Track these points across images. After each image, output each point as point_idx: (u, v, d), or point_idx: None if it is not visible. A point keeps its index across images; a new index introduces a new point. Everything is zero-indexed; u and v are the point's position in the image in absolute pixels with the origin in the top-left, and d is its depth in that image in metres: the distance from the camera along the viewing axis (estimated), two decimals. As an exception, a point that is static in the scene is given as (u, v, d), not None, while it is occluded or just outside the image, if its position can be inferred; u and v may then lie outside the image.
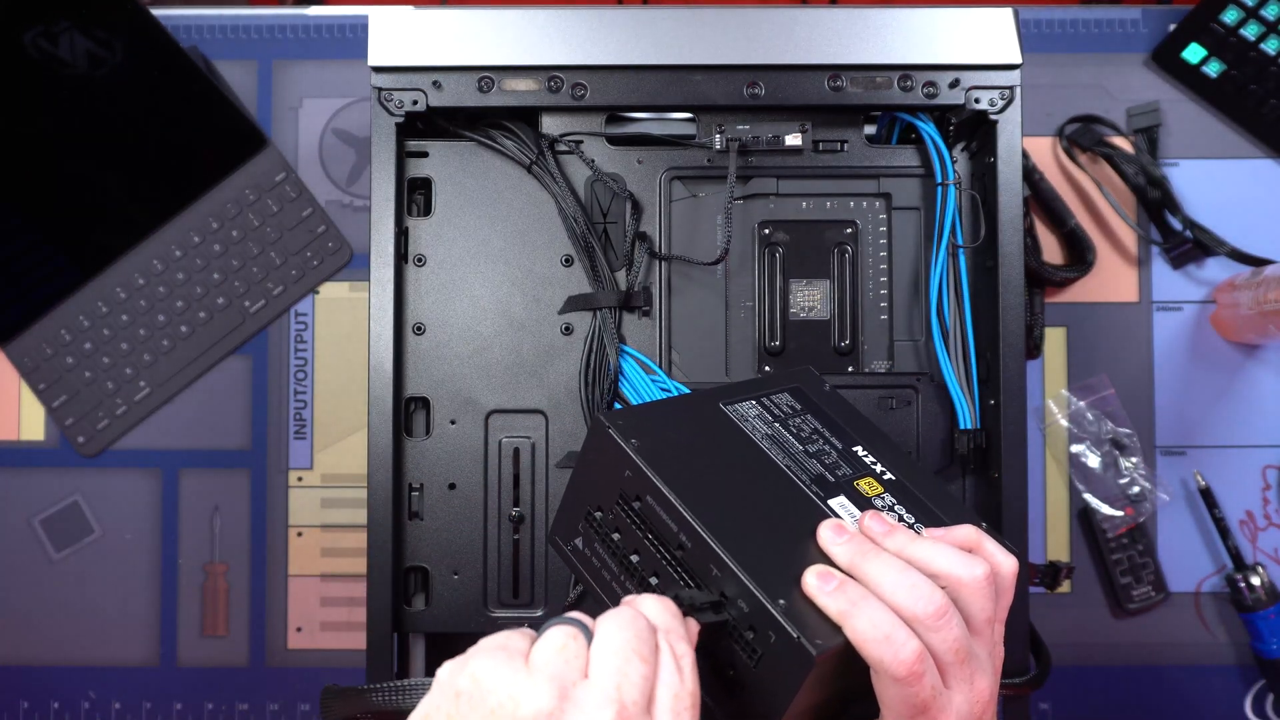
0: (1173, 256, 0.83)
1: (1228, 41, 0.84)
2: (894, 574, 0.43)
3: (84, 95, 0.81)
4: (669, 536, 0.45)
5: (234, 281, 0.84)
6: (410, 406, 0.65)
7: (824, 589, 0.42)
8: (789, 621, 0.41)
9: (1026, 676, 0.60)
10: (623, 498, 0.47)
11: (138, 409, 0.84)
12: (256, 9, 0.88)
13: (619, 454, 0.47)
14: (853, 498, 0.50)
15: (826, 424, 0.55)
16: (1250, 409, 0.83)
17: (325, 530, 0.83)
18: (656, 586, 0.46)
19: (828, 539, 0.46)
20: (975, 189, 0.65)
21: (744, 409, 0.54)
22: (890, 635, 0.41)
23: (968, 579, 0.44)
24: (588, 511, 0.49)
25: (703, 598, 0.43)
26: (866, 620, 0.41)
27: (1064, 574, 0.54)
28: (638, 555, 0.47)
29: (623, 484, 0.47)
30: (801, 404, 0.56)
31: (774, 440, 0.52)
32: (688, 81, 0.62)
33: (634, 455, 0.46)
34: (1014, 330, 0.61)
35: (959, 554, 0.45)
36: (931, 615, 0.42)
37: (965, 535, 0.47)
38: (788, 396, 0.57)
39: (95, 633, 0.83)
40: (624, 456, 0.46)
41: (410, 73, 0.62)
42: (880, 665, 0.41)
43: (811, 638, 0.40)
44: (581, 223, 0.64)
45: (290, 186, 0.85)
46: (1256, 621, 0.79)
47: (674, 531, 0.45)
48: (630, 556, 0.47)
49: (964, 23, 0.62)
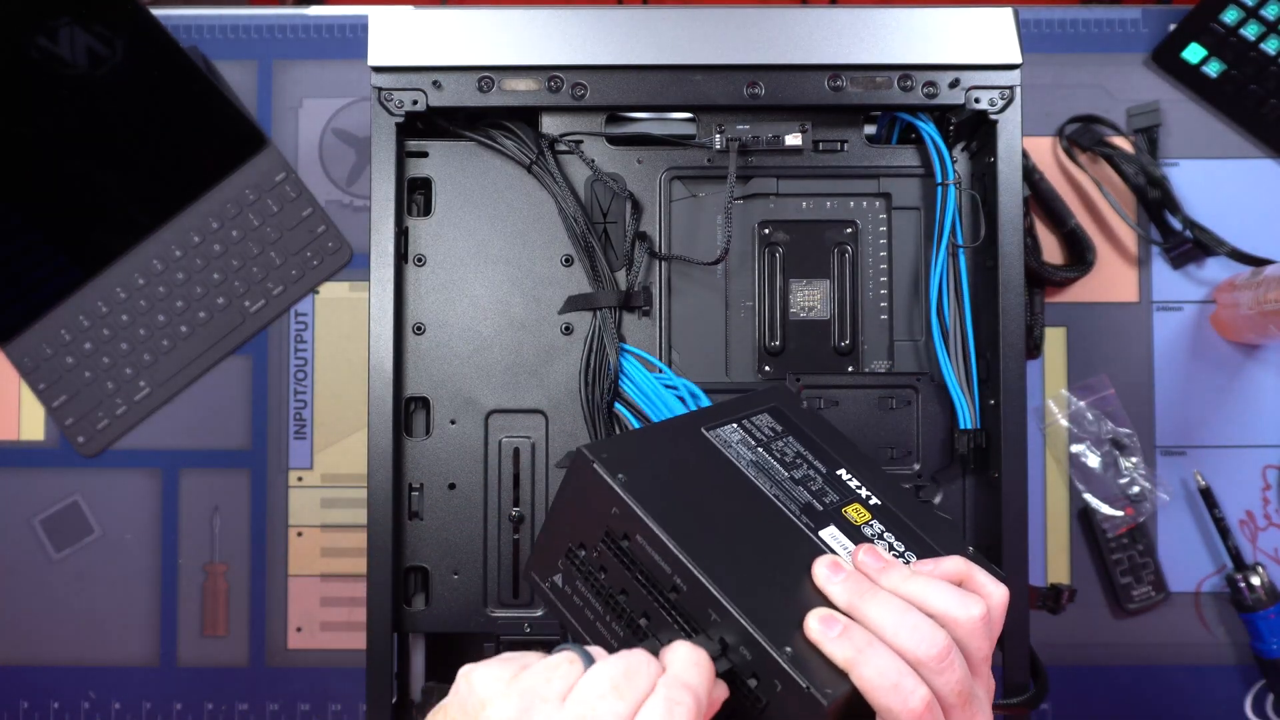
0: (1173, 256, 0.83)
1: (1228, 41, 0.84)
2: (896, 615, 0.42)
3: (84, 95, 0.81)
4: (661, 578, 0.43)
5: (234, 281, 0.84)
6: (410, 406, 0.65)
7: (829, 635, 0.41)
8: (797, 671, 0.40)
9: (1024, 696, 0.60)
10: (609, 535, 0.44)
11: (138, 409, 0.84)
12: (256, 9, 0.88)
13: (604, 490, 0.44)
14: (843, 528, 0.49)
15: (809, 446, 0.54)
16: (1250, 409, 0.83)
17: (325, 530, 0.83)
18: (647, 628, 0.44)
19: (823, 577, 0.45)
20: (975, 189, 0.65)
21: (726, 434, 0.52)
22: (898, 684, 0.40)
23: (964, 619, 0.43)
24: (569, 549, 0.46)
25: (705, 646, 0.41)
26: (874, 668, 0.40)
27: (1066, 597, 0.54)
28: (625, 595, 0.44)
29: (609, 521, 0.44)
30: (782, 425, 0.55)
31: (759, 468, 0.51)
32: (688, 81, 0.62)
33: (622, 492, 0.43)
34: (1014, 330, 0.61)
35: (955, 592, 0.44)
36: (935, 658, 0.41)
37: (955, 568, 0.46)
38: (768, 417, 0.55)
39: (95, 633, 0.83)
40: (610, 493, 0.44)
41: (410, 73, 0.62)
42: (889, 714, 0.40)
43: (821, 687, 0.39)
44: (581, 223, 0.64)
45: (290, 186, 0.85)
46: (1256, 621, 0.79)
47: (667, 574, 0.43)
48: (617, 596, 0.45)
49: (964, 23, 0.62)
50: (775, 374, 0.65)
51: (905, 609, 0.43)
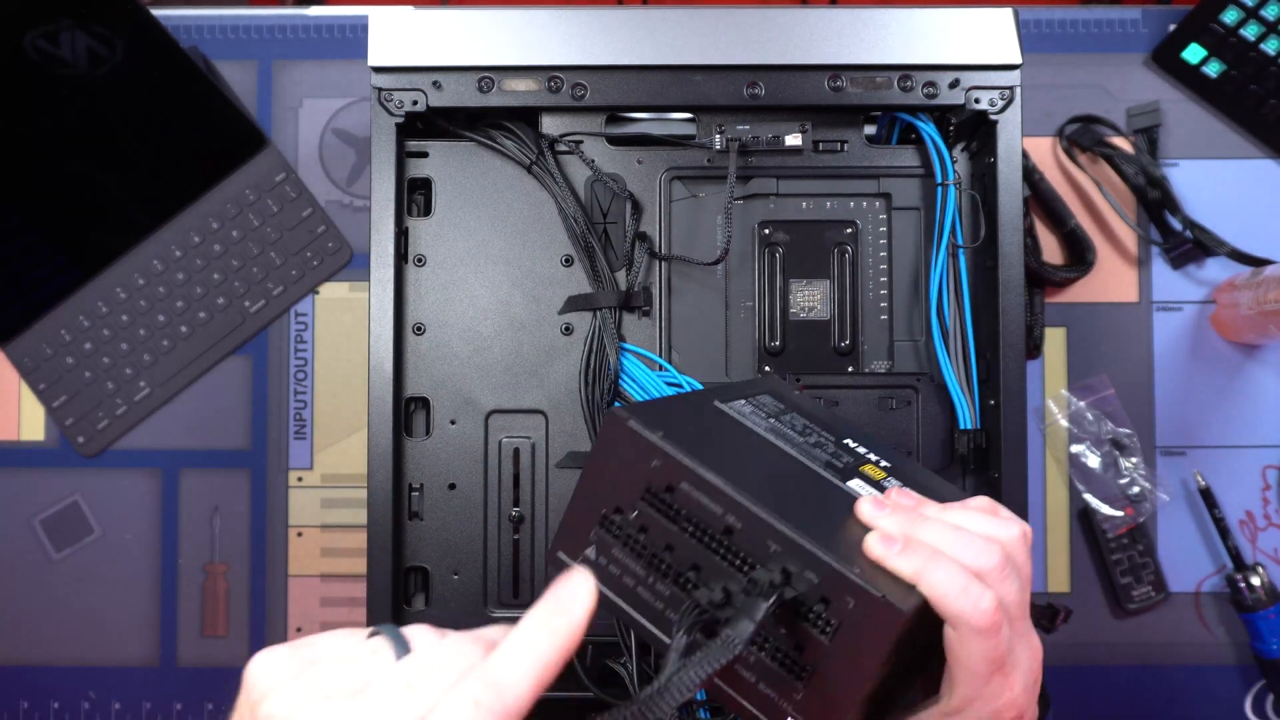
0: (1173, 257, 0.83)
1: (1228, 41, 0.84)
2: (950, 534, 0.43)
3: (84, 95, 0.81)
4: (712, 521, 0.43)
5: (234, 281, 0.84)
6: (410, 406, 0.65)
7: (891, 551, 0.42)
8: (868, 584, 0.40)
9: None
10: (649, 491, 0.45)
11: (138, 409, 0.84)
12: (256, 9, 0.88)
13: (643, 446, 0.44)
14: (865, 480, 0.50)
15: (814, 420, 0.55)
16: (1250, 409, 0.83)
17: (325, 530, 0.83)
18: (696, 579, 0.44)
19: (870, 513, 0.45)
20: (975, 189, 0.65)
21: (738, 406, 0.53)
22: (967, 588, 0.41)
23: (1007, 539, 0.44)
24: (604, 515, 0.46)
25: (767, 576, 0.41)
26: (942, 576, 0.41)
27: (1061, 618, 0.54)
28: (670, 550, 0.45)
29: (649, 476, 0.45)
30: (784, 404, 0.56)
31: (776, 433, 0.52)
32: (688, 81, 0.62)
33: (662, 443, 0.44)
34: (1014, 330, 0.61)
35: (992, 518, 0.45)
36: (996, 568, 0.42)
37: (982, 503, 0.47)
38: (769, 398, 0.56)
39: (95, 633, 0.83)
40: (650, 447, 0.44)
41: (410, 73, 0.62)
42: (961, 618, 0.41)
43: (896, 597, 0.40)
44: (581, 223, 0.64)
45: (290, 186, 0.85)
46: (1256, 621, 0.79)
47: (718, 515, 0.43)
48: (662, 554, 0.45)
49: (964, 23, 0.62)
50: (775, 374, 0.65)
51: (956, 529, 0.44)
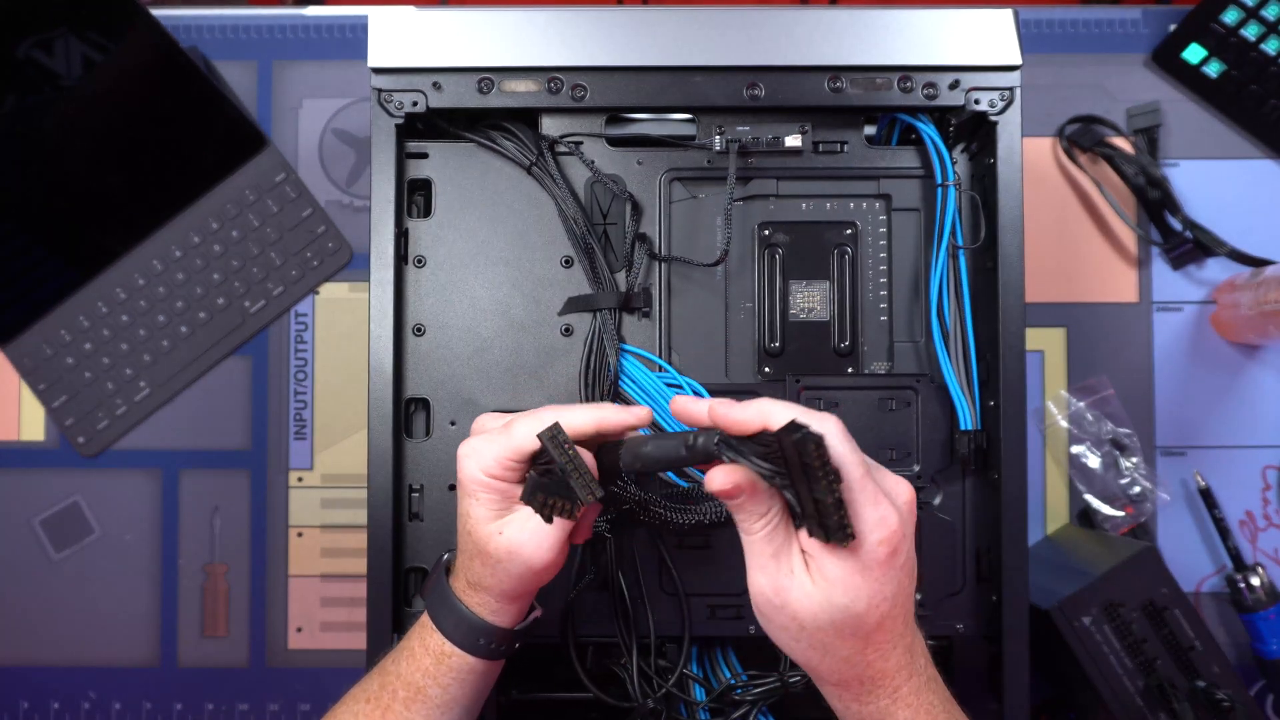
0: (1173, 257, 0.83)
1: (1228, 42, 0.84)
2: (766, 403, 0.47)
3: (84, 95, 0.81)
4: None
5: (234, 282, 0.84)
6: (410, 407, 0.65)
7: (729, 407, 0.47)
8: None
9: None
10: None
11: (138, 409, 0.84)
12: (256, 9, 0.88)
13: None
14: None
15: None
16: (1250, 409, 0.83)
17: (325, 530, 0.83)
18: None
19: (685, 403, 0.50)
20: (975, 190, 0.65)
21: None
22: (807, 412, 0.46)
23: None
24: None
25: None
26: (781, 409, 0.45)
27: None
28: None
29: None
30: None
31: None
32: (688, 82, 0.62)
33: None
34: (1014, 331, 0.61)
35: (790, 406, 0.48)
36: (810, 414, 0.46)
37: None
38: None
39: (95, 633, 0.83)
40: None
41: (410, 74, 0.62)
42: (810, 419, 0.45)
43: None
44: (581, 224, 0.64)
45: (290, 187, 0.85)
46: (1256, 622, 0.79)
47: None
48: None
49: (964, 24, 0.62)
50: (775, 375, 0.65)
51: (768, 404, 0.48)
